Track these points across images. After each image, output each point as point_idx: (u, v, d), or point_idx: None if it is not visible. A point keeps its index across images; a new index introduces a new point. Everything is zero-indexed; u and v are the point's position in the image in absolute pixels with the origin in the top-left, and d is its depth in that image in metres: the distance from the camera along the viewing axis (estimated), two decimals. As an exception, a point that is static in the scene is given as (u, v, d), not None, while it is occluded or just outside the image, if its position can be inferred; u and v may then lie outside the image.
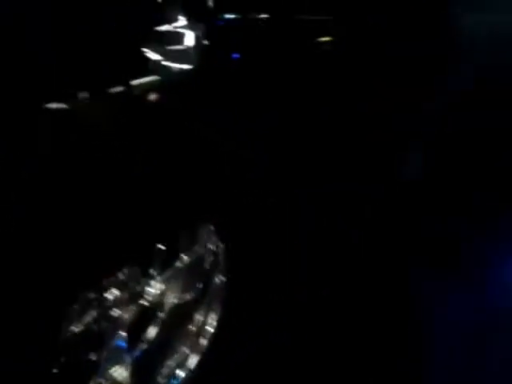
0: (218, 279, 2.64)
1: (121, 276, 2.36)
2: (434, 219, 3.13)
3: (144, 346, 2.43)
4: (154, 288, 2.47)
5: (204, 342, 2.60)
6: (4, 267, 1.98)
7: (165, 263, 2.49)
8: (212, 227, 2.58)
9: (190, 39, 2.53)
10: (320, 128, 3.05)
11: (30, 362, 2.07)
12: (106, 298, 2.33)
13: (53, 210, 2.11)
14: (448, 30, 3.30)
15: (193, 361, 2.55)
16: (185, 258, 2.54)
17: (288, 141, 2.92)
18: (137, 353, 2.41)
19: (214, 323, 2.62)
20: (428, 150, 3.24)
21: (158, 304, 2.49)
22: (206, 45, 2.57)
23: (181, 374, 2.52)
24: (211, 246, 2.61)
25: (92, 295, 2.30)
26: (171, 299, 2.53)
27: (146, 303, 2.45)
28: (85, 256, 2.14)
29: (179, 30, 2.54)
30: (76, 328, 2.24)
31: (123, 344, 2.38)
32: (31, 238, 2.05)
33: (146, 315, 2.46)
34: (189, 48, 2.54)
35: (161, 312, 2.50)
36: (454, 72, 3.27)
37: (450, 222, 3.14)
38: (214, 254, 2.62)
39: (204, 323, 2.60)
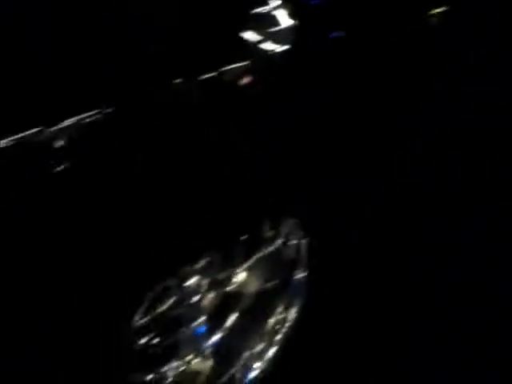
0: (300, 273, 2.60)
1: (202, 264, 2.34)
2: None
3: (222, 334, 2.44)
4: (236, 277, 2.48)
5: (282, 334, 2.56)
6: (88, 256, 1.97)
7: (247, 253, 2.49)
8: (296, 221, 2.55)
9: (285, 20, 2.49)
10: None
11: (108, 343, 2.07)
12: (185, 285, 2.35)
13: (140, 198, 2.11)
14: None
15: (270, 353, 2.52)
16: (268, 249, 2.53)
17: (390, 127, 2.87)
18: (214, 340, 2.42)
19: (294, 317, 2.58)
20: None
21: (238, 293, 2.50)
22: (301, 25, 2.53)
23: (257, 365, 2.50)
24: (295, 240, 2.59)
25: (171, 282, 2.30)
26: (252, 289, 2.52)
27: (226, 291, 2.46)
28: (165, 244, 2.13)
29: (274, 11, 2.50)
30: (154, 313, 2.28)
31: (201, 330, 2.40)
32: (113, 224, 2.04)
33: (226, 303, 2.46)
34: (284, 29, 2.50)
35: (241, 301, 2.50)
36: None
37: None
38: (298, 247, 2.59)
39: (283, 316, 2.57)
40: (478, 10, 3.12)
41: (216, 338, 2.42)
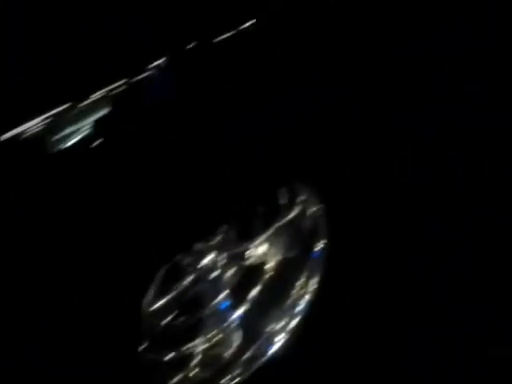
0: (320, 242, 2.56)
1: (216, 239, 2.34)
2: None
3: (245, 309, 2.43)
4: (255, 249, 2.47)
5: (304, 306, 2.53)
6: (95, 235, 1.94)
7: (265, 224, 2.48)
8: (311, 187, 2.52)
9: None
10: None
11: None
12: (202, 262, 2.37)
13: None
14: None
15: (291, 325, 2.49)
16: (283, 219, 2.50)
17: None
18: (237, 315, 2.42)
19: (315, 287, 2.54)
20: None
21: (259, 266, 2.48)
22: None
23: (279, 338, 2.47)
24: (311, 207, 2.55)
25: (186, 260, 2.35)
26: (272, 261, 2.50)
27: (246, 264, 2.46)
28: (172, 223, 2.09)
29: None
30: (172, 293, 2.32)
31: (224, 306, 2.41)
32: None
33: (248, 277, 2.46)
34: None
35: (262, 274, 2.47)
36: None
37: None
38: (315, 215, 2.55)
39: (305, 286, 2.53)
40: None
41: (239, 312, 2.42)
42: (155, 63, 2.16)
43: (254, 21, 2.37)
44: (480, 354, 2.71)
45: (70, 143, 2.01)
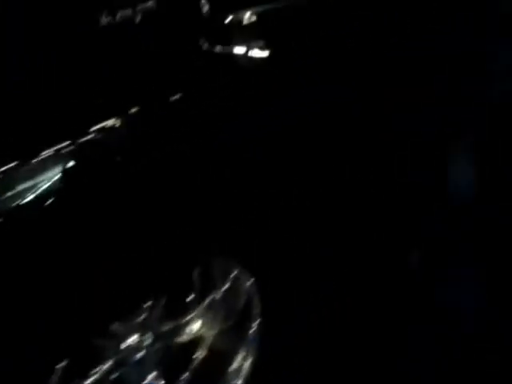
0: (254, 317, 2.42)
1: (138, 318, 2.20)
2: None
3: None
4: (184, 326, 2.31)
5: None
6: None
7: (195, 300, 2.33)
8: (238, 263, 2.37)
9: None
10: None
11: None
12: (124, 343, 2.19)
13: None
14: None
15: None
16: (216, 295, 2.36)
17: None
18: None
19: (251, 369, 2.39)
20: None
21: (191, 343, 2.32)
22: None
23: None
24: (243, 282, 2.40)
25: (102, 343, 2.14)
26: (205, 339, 2.35)
27: (177, 342, 2.29)
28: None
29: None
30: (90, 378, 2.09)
31: None
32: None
33: (179, 356, 2.29)
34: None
35: (194, 353, 2.32)
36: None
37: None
38: (247, 289, 2.41)
39: (240, 367, 2.39)
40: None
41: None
42: (106, 122, 2.11)
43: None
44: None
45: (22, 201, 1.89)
